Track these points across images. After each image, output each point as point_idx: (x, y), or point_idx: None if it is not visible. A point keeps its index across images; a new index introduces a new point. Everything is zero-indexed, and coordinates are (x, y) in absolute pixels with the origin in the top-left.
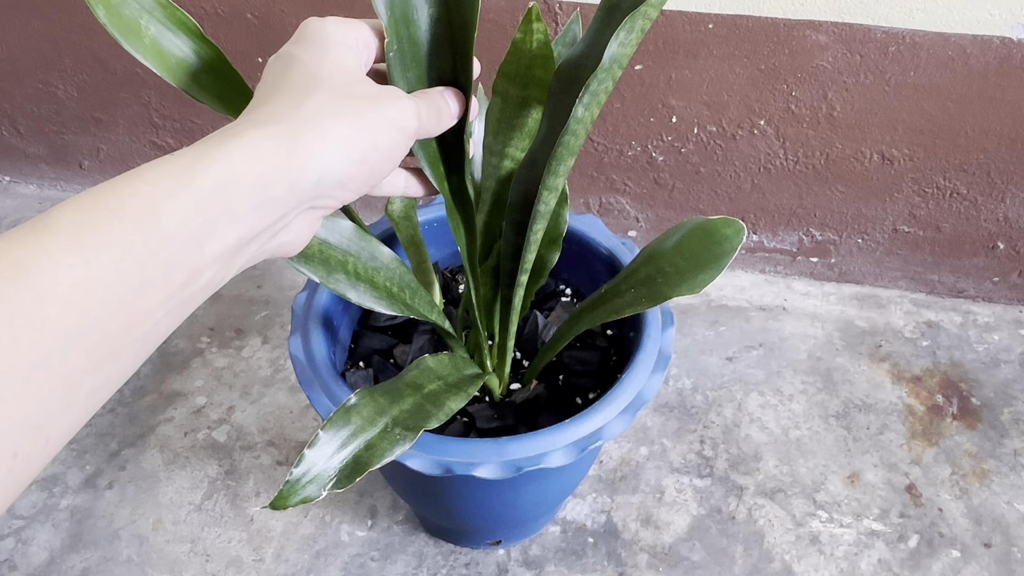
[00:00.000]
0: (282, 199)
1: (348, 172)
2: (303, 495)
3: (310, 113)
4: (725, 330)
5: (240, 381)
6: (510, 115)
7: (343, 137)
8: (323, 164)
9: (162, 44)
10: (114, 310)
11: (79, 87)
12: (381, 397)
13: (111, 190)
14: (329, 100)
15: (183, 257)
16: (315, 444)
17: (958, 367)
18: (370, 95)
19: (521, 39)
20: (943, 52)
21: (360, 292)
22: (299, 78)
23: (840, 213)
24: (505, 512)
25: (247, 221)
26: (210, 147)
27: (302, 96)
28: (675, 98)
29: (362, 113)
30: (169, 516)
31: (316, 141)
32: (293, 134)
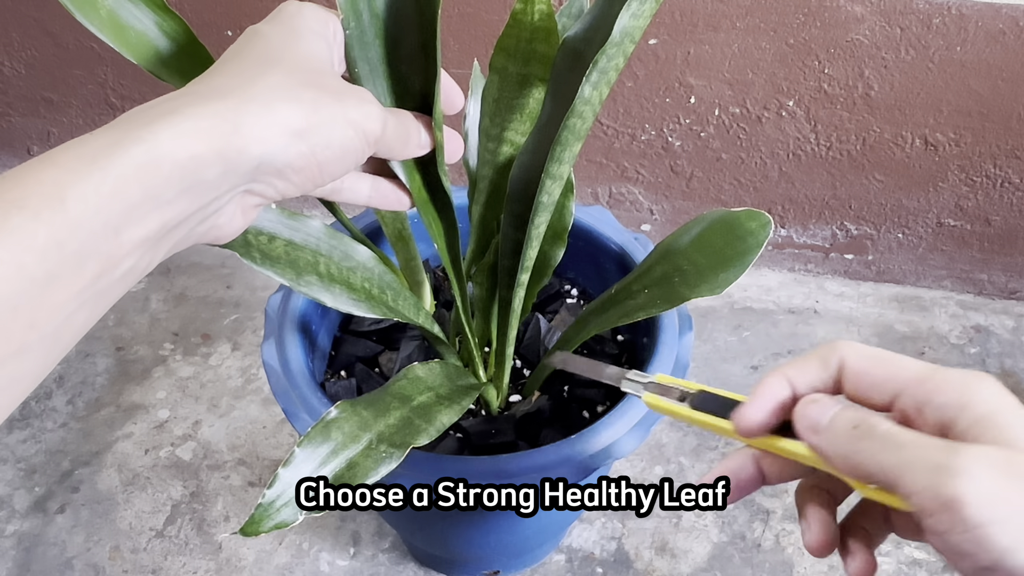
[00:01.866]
0: (215, 182)
1: (291, 163)
2: (277, 520)
3: (261, 92)
4: (750, 335)
5: (207, 392)
6: (509, 95)
7: (292, 125)
8: (265, 149)
9: (120, 16)
10: (15, 306)
11: (27, 64)
12: (365, 410)
13: (14, 179)
14: (286, 82)
15: (96, 246)
16: (290, 463)
17: (1010, 376)
18: (334, 89)
19: (521, 10)
20: (993, 24)
21: (336, 295)
22: (259, 54)
23: (878, 205)
24: (503, 539)
25: (174, 206)
26: (134, 126)
27: (256, 72)
28: (694, 76)
29: (320, 105)
30: (128, 543)
31: (261, 123)
32: (237, 112)
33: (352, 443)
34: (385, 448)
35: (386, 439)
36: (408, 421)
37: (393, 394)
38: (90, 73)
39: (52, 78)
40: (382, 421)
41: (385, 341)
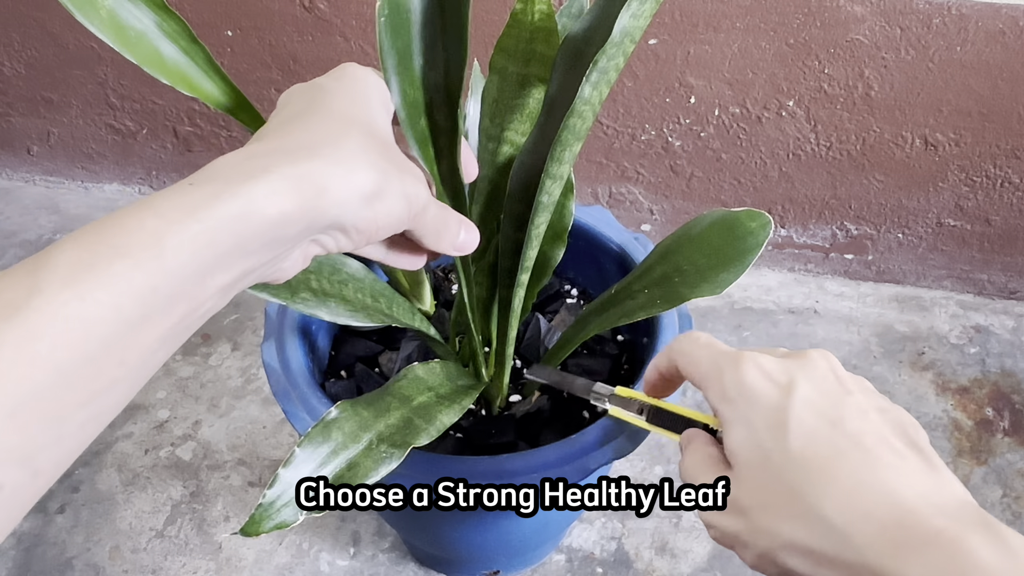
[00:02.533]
0: (294, 237)
1: (357, 225)
2: (278, 520)
3: (345, 156)
4: (750, 335)
5: (207, 392)
6: (509, 95)
7: (366, 191)
8: (342, 211)
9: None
10: (109, 346)
11: (27, 64)
12: (365, 410)
13: (117, 224)
14: (364, 148)
15: (186, 290)
16: (291, 463)
17: (1010, 377)
18: (398, 162)
19: (521, 10)
20: (993, 24)
21: (332, 309)
22: (337, 112)
23: (878, 205)
24: (503, 539)
25: (256, 256)
26: (232, 181)
27: (339, 133)
28: (694, 76)
29: (389, 175)
30: (128, 543)
31: (344, 185)
32: (324, 175)
33: (352, 443)
34: (386, 448)
35: (386, 439)
36: (408, 421)
37: (393, 394)
38: (90, 73)
39: (52, 78)
40: (382, 421)
41: (385, 341)
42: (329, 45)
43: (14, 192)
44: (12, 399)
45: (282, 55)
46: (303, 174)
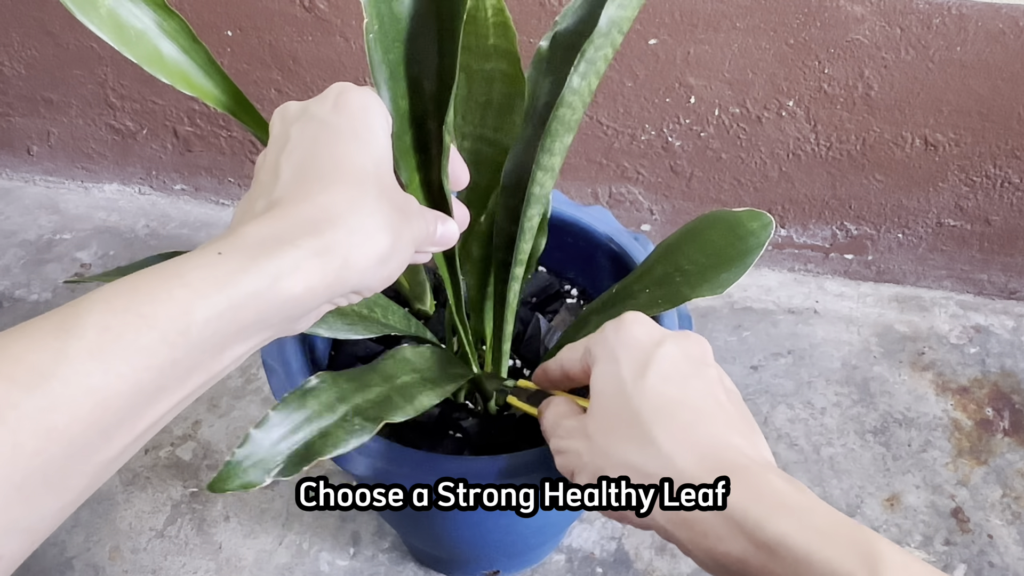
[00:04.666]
0: (315, 308)
1: (372, 285)
2: (244, 480)
3: (365, 224)
4: (750, 335)
5: (207, 392)
6: (478, 91)
7: (384, 253)
8: (363, 276)
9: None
10: (123, 419)
11: (27, 64)
12: (346, 383)
13: (147, 291)
14: (381, 209)
15: (204, 362)
16: (264, 425)
17: (1010, 377)
18: (403, 207)
19: (474, 6)
20: (993, 25)
21: (329, 325)
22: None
23: (878, 205)
24: (503, 539)
25: (276, 327)
26: (259, 254)
27: (357, 197)
28: (694, 76)
29: (400, 230)
30: (128, 543)
31: (364, 253)
32: (348, 248)
33: (328, 413)
34: (359, 421)
35: (361, 412)
36: (387, 398)
37: (377, 371)
38: (90, 73)
39: (52, 78)
40: (361, 395)
41: (385, 341)
42: (329, 45)
43: (14, 192)
44: (23, 472)
45: (282, 55)
46: (327, 247)
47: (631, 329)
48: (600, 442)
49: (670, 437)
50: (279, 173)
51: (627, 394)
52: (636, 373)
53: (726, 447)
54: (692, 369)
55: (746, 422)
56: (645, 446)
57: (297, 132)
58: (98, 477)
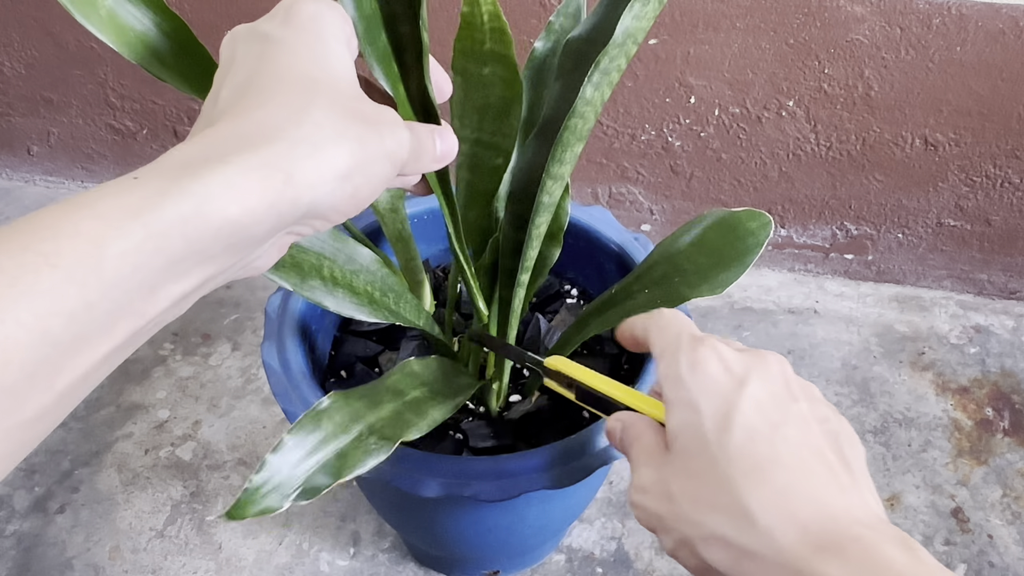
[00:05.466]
0: (263, 234)
1: (336, 206)
2: (263, 505)
3: (312, 135)
4: (750, 335)
5: (207, 392)
6: (475, 95)
7: (342, 169)
8: (314, 197)
9: (120, 16)
10: (33, 374)
11: (27, 64)
12: (357, 402)
13: (48, 225)
14: (332, 118)
15: (131, 306)
16: (280, 449)
17: (1010, 377)
18: (371, 117)
19: (469, 12)
20: (993, 24)
21: (338, 299)
22: (294, 78)
23: (878, 205)
24: (503, 539)
25: (218, 260)
26: (181, 175)
27: (301, 107)
28: (694, 76)
29: (365, 141)
30: (128, 543)
31: (313, 170)
32: (290, 162)
33: (342, 433)
34: (375, 440)
35: (376, 431)
36: (399, 415)
37: (387, 387)
38: (90, 73)
39: (52, 78)
40: (373, 414)
41: (385, 341)
42: None
43: (14, 192)
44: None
45: None
46: (264, 162)
47: (707, 368)
48: (686, 509)
49: (766, 507)
50: (219, 97)
51: (712, 455)
52: (720, 426)
53: (831, 512)
54: (780, 413)
55: (850, 471)
56: (738, 518)
57: (242, 52)
58: (17, 445)
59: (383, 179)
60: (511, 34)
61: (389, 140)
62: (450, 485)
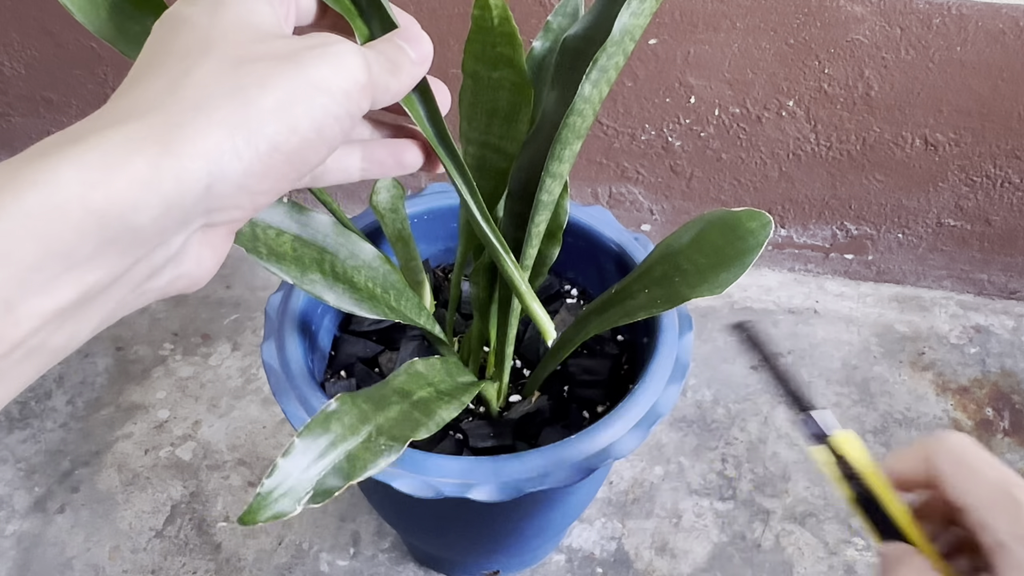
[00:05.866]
0: (152, 225)
1: (253, 170)
2: (275, 510)
3: (190, 95)
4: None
5: (207, 392)
6: (484, 98)
7: (238, 121)
8: (211, 166)
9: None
10: None
11: (27, 64)
12: (365, 403)
13: None
14: (220, 71)
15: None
16: (290, 453)
17: (1010, 377)
18: (285, 52)
19: (480, 15)
20: (993, 24)
21: (338, 294)
22: (183, 45)
23: (878, 205)
24: (503, 539)
25: (96, 264)
26: (26, 161)
27: (182, 71)
28: (694, 76)
29: (270, 80)
30: (127, 543)
31: (198, 135)
32: (164, 130)
33: (352, 435)
34: (385, 441)
35: (385, 432)
36: (408, 415)
37: (394, 388)
38: (90, 73)
39: (52, 78)
40: (382, 415)
41: (385, 341)
42: None
43: None
44: None
45: None
46: (129, 135)
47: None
48: None
49: None
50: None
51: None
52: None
53: None
54: None
55: None
56: None
57: (151, 37)
58: None
59: (324, 117)
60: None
61: (317, 67)
62: (450, 485)
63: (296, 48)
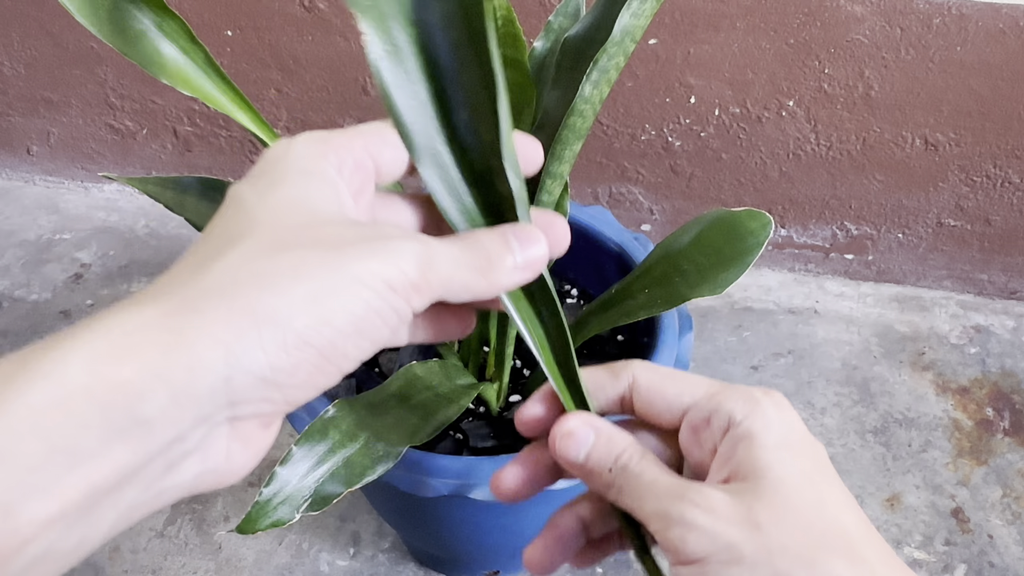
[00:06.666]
0: (163, 417)
1: (279, 364)
2: (274, 518)
3: (214, 281)
4: (750, 335)
5: None
6: None
7: (265, 312)
8: (231, 358)
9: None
10: None
11: (27, 64)
12: (362, 409)
13: None
14: (254, 256)
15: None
16: (288, 461)
17: (1010, 377)
18: (334, 240)
19: None
20: (993, 24)
21: None
22: (228, 228)
23: (878, 205)
24: (503, 539)
25: (103, 459)
26: (41, 349)
27: (214, 255)
28: (694, 76)
29: (305, 270)
30: (127, 544)
31: (217, 323)
32: (178, 317)
33: (350, 441)
34: (383, 447)
35: (383, 438)
36: (406, 420)
37: (392, 393)
38: (90, 73)
39: (52, 78)
40: (379, 420)
41: None
42: (329, 45)
43: (14, 192)
44: None
45: (282, 55)
46: (144, 323)
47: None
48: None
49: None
50: None
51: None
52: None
53: None
54: None
55: None
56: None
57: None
58: None
59: (365, 311)
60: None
61: (365, 260)
62: (450, 485)
63: (348, 238)
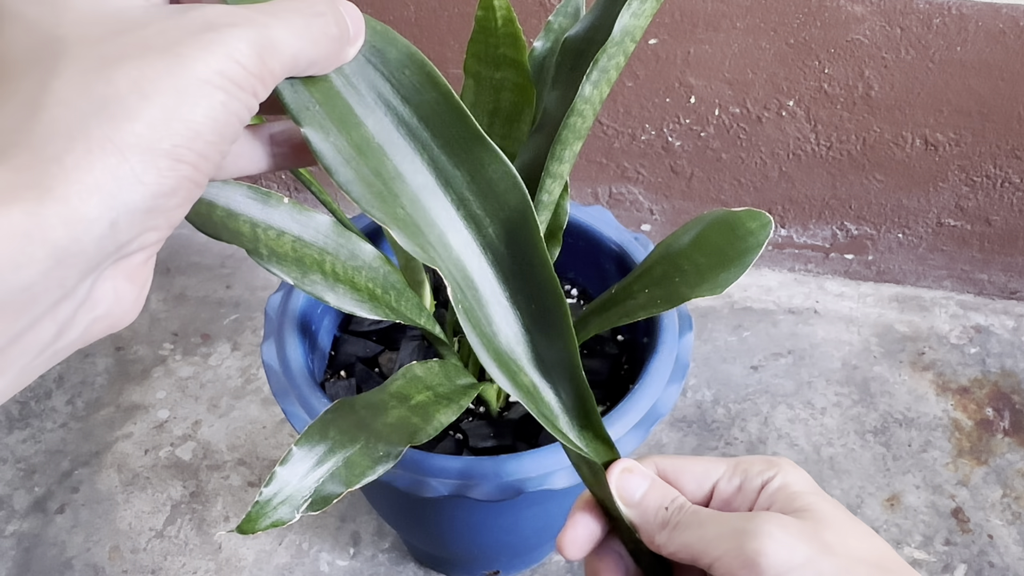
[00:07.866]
0: (46, 281)
1: (160, 190)
2: (274, 518)
3: (54, 120)
4: (750, 335)
5: (207, 392)
6: (486, 99)
7: (128, 141)
8: (110, 200)
9: None
10: None
11: None
12: (362, 409)
13: None
14: (84, 80)
15: None
16: (288, 461)
17: (1010, 377)
18: (160, 42)
19: (484, 16)
20: (994, 24)
21: (339, 295)
22: (23, 50)
23: (878, 205)
24: (503, 539)
25: None
26: None
27: (36, 87)
28: (694, 76)
29: (148, 84)
30: (127, 543)
31: (83, 168)
32: (34, 170)
33: (350, 442)
34: (382, 447)
35: (383, 438)
36: (406, 420)
37: (391, 393)
38: None
39: None
40: (379, 420)
41: (385, 341)
42: None
43: None
44: None
45: None
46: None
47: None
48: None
49: None
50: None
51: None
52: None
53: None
54: None
55: None
56: None
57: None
58: None
59: (224, 115)
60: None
61: (203, 62)
62: (450, 485)
63: (173, 35)
